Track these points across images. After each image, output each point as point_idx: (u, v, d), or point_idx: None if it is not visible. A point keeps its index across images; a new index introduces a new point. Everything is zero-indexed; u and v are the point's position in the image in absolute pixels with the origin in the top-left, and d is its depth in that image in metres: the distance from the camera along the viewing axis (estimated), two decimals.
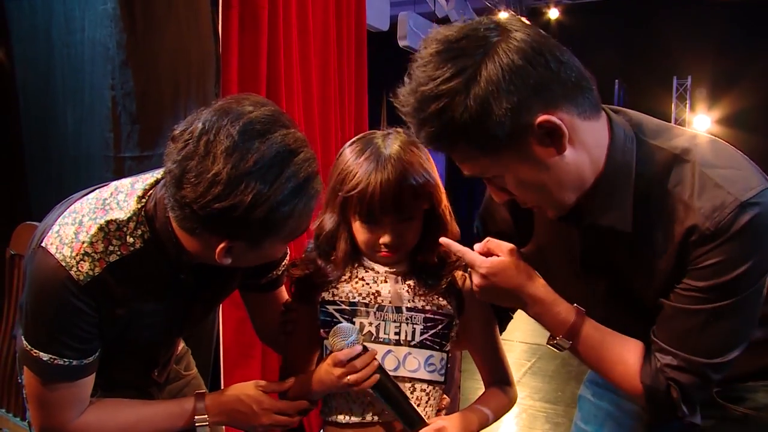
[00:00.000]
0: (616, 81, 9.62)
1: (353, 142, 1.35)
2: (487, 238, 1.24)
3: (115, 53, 2.19)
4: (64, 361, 1.20)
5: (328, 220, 1.34)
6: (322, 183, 1.19)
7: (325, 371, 1.31)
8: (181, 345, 1.69)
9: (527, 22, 1.10)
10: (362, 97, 3.67)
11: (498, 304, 1.30)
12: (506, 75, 1.00)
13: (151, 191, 1.23)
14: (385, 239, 1.29)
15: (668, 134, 1.17)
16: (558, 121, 1.03)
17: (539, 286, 1.23)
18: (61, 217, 1.23)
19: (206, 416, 1.34)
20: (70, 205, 1.26)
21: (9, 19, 2.60)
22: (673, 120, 9.88)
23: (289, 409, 1.38)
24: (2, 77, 2.65)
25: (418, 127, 1.08)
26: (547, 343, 1.25)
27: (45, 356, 1.19)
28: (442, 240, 1.26)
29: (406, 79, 1.08)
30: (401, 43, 8.06)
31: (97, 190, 1.29)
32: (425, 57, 1.05)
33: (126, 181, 1.29)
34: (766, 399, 1.26)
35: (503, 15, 9.87)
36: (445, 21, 7.39)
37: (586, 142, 1.09)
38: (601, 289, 1.26)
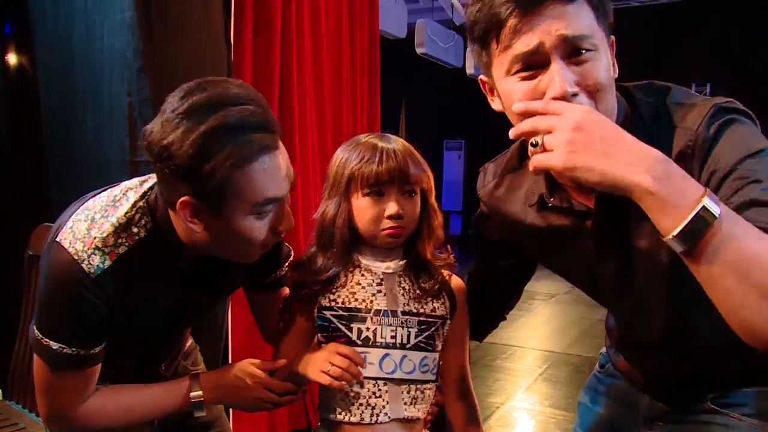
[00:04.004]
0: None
1: (346, 142, 1.40)
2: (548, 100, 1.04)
3: (132, 60, 2.27)
4: (73, 351, 1.25)
5: (330, 206, 1.38)
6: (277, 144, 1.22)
7: (318, 355, 1.35)
8: (189, 341, 1.74)
9: None
10: (375, 102, 3.71)
11: (595, 164, 0.94)
12: None
13: (155, 187, 1.30)
14: (390, 209, 1.32)
15: (651, 86, 1.19)
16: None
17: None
18: (74, 214, 1.29)
19: (201, 392, 1.39)
20: (83, 203, 1.32)
21: (33, 28, 2.69)
22: None
23: (277, 387, 1.41)
24: (26, 82, 2.74)
25: None
26: (672, 236, 0.91)
27: (55, 345, 1.24)
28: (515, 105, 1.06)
29: None
30: (419, 51, 8.10)
31: (109, 189, 1.35)
32: None
33: (135, 180, 1.36)
34: (765, 405, 1.25)
35: None
36: (463, 28, 7.42)
37: None
38: (611, 270, 1.23)
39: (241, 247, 1.27)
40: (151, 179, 1.33)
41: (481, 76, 1.20)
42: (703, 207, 0.89)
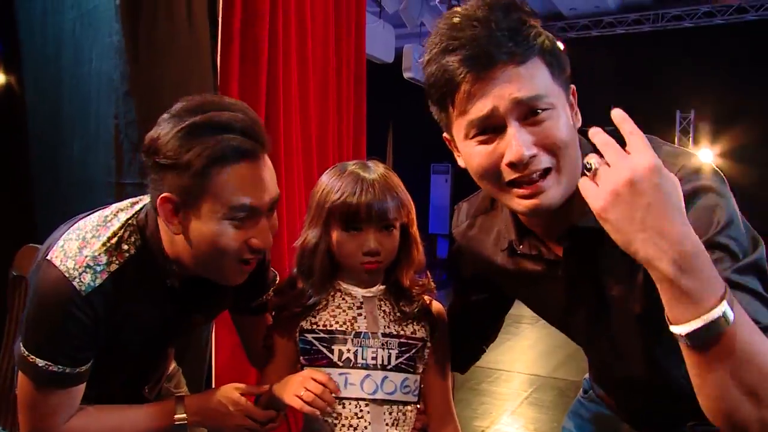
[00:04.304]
0: None
1: (331, 169, 1.43)
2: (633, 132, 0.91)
3: (119, 84, 2.30)
4: (58, 368, 1.25)
5: (311, 235, 1.40)
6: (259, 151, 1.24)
7: (294, 379, 1.36)
8: (173, 365, 1.74)
9: None
10: (361, 126, 3.74)
11: (623, 225, 0.89)
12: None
13: (146, 207, 1.33)
14: (368, 246, 1.35)
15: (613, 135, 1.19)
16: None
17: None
18: (65, 234, 1.30)
19: (185, 415, 1.39)
20: (74, 224, 1.34)
21: (22, 50, 2.71)
22: None
23: (258, 416, 1.41)
24: (14, 104, 2.75)
25: (498, 17, 1.04)
26: (680, 332, 0.88)
27: (41, 362, 1.24)
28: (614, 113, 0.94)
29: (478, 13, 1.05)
30: (406, 75, 8.19)
31: (100, 211, 1.37)
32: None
33: (126, 201, 1.38)
34: None
35: None
36: None
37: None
38: (584, 316, 1.25)
39: (216, 258, 1.26)
40: (142, 201, 1.36)
41: (445, 135, 1.21)
42: (723, 314, 0.85)
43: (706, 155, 9.82)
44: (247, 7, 2.71)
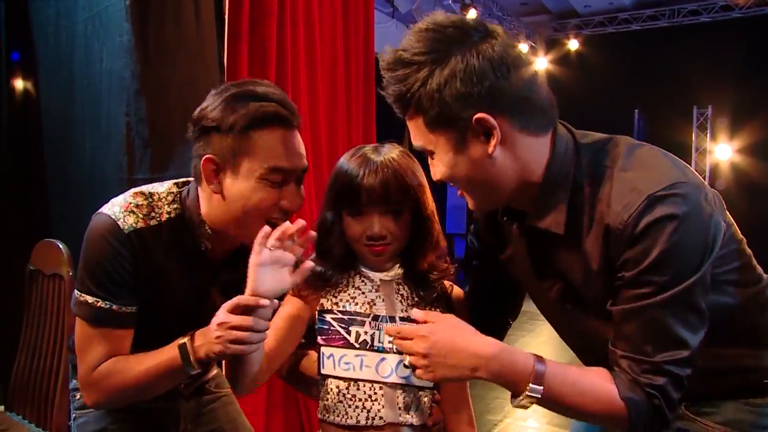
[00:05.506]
0: (636, 110, 9.63)
1: (349, 151, 1.44)
2: (426, 313, 1.26)
3: (130, 82, 2.35)
4: (105, 304, 1.39)
5: (327, 217, 1.42)
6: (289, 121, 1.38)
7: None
8: (215, 370, 1.80)
9: (516, 41, 1.22)
10: (370, 125, 3.75)
11: (450, 374, 1.20)
12: (468, 70, 1.12)
13: (189, 185, 1.49)
14: (371, 229, 1.36)
15: (604, 147, 1.25)
16: (494, 122, 1.14)
17: (488, 341, 1.20)
18: (115, 197, 1.47)
19: (185, 339, 1.35)
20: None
21: (37, 55, 2.79)
22: (693, 149, 9.85)
23: (231, 306, 1.27)
24: (30, 106, 2.82)
25: (387, 82, 1.20)
26: (513, 405, 1.20)
27: (90, 299, 1.40)
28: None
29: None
30: None
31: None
32: (416, 29, 1.19)
33: (170, 181, 1.54)
34: (737, 414, 1.29)
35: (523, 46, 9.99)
36: None
37: (519, 153, 1.19)
38: (554, 294, 1.32)
39: (247, 215, 1.36)
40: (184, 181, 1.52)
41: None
42: (527, 393, 1.15)
43: (724, 151, 9.74)
44: (255, 6, 2.74)
